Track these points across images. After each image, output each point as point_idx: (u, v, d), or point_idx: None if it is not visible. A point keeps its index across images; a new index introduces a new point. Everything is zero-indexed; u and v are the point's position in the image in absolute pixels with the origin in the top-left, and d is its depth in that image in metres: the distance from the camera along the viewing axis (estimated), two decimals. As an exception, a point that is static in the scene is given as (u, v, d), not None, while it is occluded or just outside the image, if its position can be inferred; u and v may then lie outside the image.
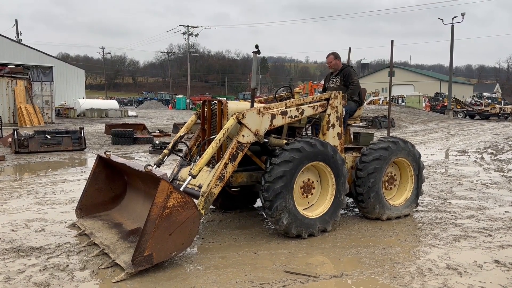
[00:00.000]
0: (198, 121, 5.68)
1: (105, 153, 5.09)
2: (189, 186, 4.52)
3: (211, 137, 5.08)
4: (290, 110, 5.12)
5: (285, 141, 5.07)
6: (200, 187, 4.60)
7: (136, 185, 5.25)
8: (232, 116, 4.72)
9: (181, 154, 5.65)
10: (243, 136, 4.67)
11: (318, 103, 5.44)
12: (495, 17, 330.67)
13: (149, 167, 4.06)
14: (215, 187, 4.45)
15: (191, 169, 4.52)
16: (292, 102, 5.30)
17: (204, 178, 4.66)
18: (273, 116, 4.93)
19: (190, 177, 4.40)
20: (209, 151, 4.51)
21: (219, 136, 4.64)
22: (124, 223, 4.90)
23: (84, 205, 5.32)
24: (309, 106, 5.34)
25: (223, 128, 4.70)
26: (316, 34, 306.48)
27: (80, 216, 5.28)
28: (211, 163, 4.98)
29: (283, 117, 5.04)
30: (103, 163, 5.37)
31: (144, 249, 3.79)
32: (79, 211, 5.30)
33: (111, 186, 5.42)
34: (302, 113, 5.23)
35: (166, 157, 5.55)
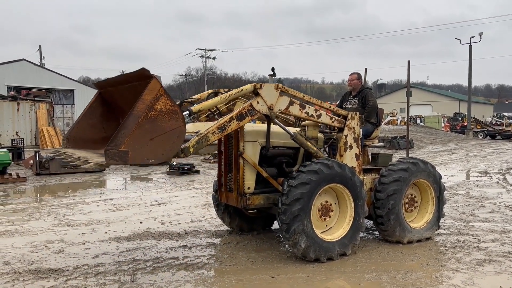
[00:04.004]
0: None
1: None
2: (187, 134, 4.27)
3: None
4: (309, 108, 5.09)
5: (308, 143, 5.07)
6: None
7: None
8: (250, 84, 4.71)
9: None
10: (258, 103, 4.65)
11: (336, 117, 5.41)
12: (508, 37, 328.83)
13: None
14: (213, 134, 4.30)
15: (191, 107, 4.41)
16: (311, 99, 5.28)
17: (205, 127, 4.49)
18: (291, 102, 4.89)
19: (187, 111, 4.32)
20: (216, 99, 4.51)
21: (231, 92, 4.64)
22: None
23: (73, 137, 4.92)
24: (327, 115, 5.31)
25: (238, 88, 4.70)
26: (330, 56, 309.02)
27: (66, 146, 4.95)
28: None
29: (300, 109, 4.99)
30: (101, 99, 5.08)
31: (121, 143, 3.52)
32: (66, 140, 4.95)
33: (104, 125, 5.08)
34: (319, 116, 5.17)
35: None
